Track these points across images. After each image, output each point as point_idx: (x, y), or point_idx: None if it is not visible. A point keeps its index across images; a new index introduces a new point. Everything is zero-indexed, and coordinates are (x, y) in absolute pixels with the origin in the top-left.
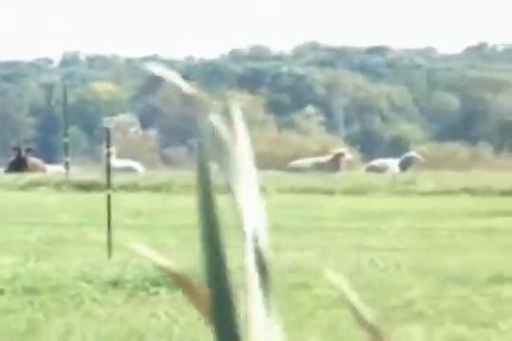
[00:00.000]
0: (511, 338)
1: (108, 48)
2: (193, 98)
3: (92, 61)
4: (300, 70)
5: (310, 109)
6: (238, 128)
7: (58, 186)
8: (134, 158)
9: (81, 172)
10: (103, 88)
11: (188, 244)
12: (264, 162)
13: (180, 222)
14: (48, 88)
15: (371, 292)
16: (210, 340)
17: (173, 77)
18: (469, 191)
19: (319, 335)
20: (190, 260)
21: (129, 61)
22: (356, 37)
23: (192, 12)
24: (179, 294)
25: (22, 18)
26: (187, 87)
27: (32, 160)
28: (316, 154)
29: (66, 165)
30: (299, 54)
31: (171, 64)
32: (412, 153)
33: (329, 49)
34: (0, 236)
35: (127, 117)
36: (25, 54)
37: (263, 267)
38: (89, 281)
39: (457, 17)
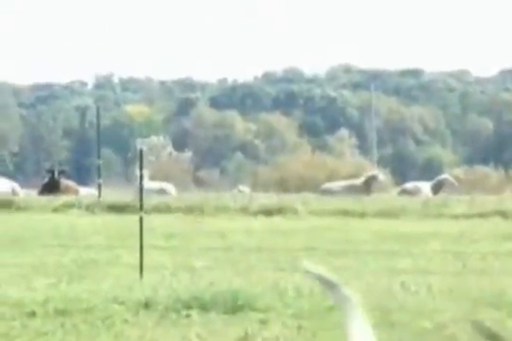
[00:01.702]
0: None
1: (141, 71)
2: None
3: (125, 83)
4: (333, 92)
5: (343, 131)
6: None
7: (90, 208)
8: (166, 180)
9: (113, 194)
10: (136, 110)
11: (219, 266)
12: (297, 184)
13: (212, 244)
14: (82, 110)
15: (402, 314)
16: None
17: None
18: (502, 214)
19: None
20: (221, 281)
21: (162, 83)
22: (390, 59)
23: (225, 35)
24: (211, 316)
25: (57, 40)
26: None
27: (65, 182)
28: (349, 177)
29: (99, 187)
30: (332, 76)
31: (203, 87)
32: (445, 176)
33: (362, 72)
34: (33, 258)
35: (160, 140)
36: (59, 76)
37: None
38: (121, 303)
39: (491, 39)
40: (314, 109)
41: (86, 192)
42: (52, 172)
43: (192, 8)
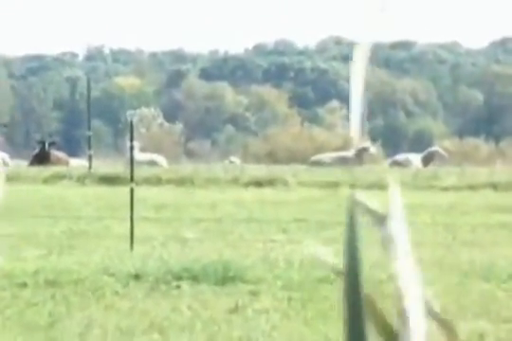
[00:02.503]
0: None
1: (132, 42)
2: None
3: (116, 55)
4: (323, 65)
5: (334, 103)
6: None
7: (81, 179)
8: (157, 152)
9: (104, 166)
10: (127, 82)
11: (209, 237)
12: (287, 156)
13: (203, 215)
14: (73, 82)
15: (392, 285)
16: (233, 334)
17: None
18: (493, 186)
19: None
20: (211, 253)
21: (153, 55)
22: (380, 32)
23: (216, 6)
24: (202, 287)
25: (47, 12)
26: None
27: (56, 153)
28: (339, 149)
29: (90, 158)
30: (323, 49)
31: (195, 58)
32: (436, 148)
33: (353, 44)
34: (23, 229)
35: (150, 111)
36: (49, 48)
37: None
38: (111, 274)
39: (482, 11)
40: (305, 81)
41: (77, 164)
42: (43, 143)
43: None
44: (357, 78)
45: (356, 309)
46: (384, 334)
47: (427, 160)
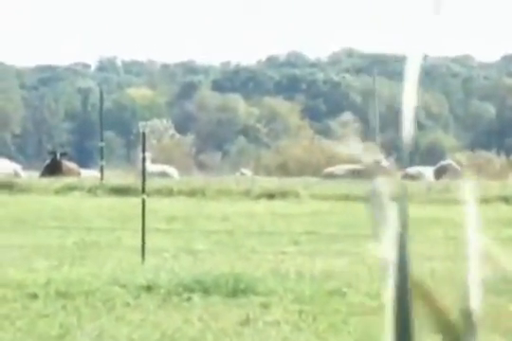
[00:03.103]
0: None
1: (144, 54)
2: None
3: (128, 66)
4: (335, 77)
5: (347, 116)
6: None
7: (92, 190)
8: (169, 163)
9: (115, 177)
10: (139, 93)
11: (220, 249)
12: (298, 168)
13: (214, 227)
14: (84, 93)
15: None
16: None
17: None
18: (505, 200)
19: None
20: (223, 265)
21: (165, 66)
22: (392, 43)
23: (228, 18)
24: (213, 299)
25: (60, 22)
26: None
27: (67, 164)
28: (352, 161)
29: (101, 169)
30: (335, 61)
31: (207, 70)
32: (449, 161)
33: (365, 56)
34: (35, 240)
35: (162, 123)
36: (62, 59)
37: None
38: (122, 286)
39: (495, 25)
40: (316, 93)
41: (88, 175)
42: (54, 154)
43: None
44: (409, 95)
45: (405, 302)
46: (439, 324)
47: (439, 173)
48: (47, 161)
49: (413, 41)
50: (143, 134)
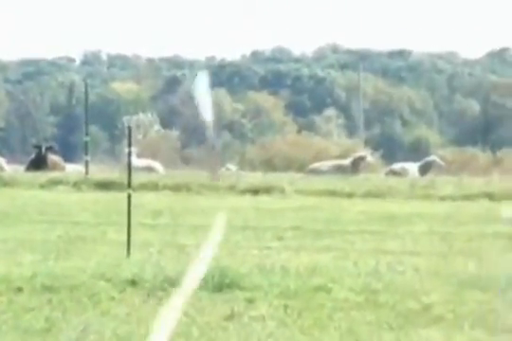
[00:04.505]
0: None
1: (130, 48)
2: None
3: (113, 60)
4: (320, 72)
5: (331, 111)
6: None
7: (77, 185)
8: (154, 158)
9: (100, 171)
10: (124, 88)
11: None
12: (283, 164)
13: (199, 221)
14: (69, 87)
15: (389, 295)
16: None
17: None
18: (489, 196)
19: (337, 337)
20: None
21: (150, 60)
22: (378, 40)
23: (214, 13)
24: (198, 294)
25: (43, 16)
26: None
27: (52, 158)
28: (336, 157)
29: (86, 164)
30: (320, 56)
31: (191, 64)
32: (434, 158)
33: (350, 52)
34: (20, 234)
35: (147, 117)
36: (46, 52)
37: None
38: (108, 280)
39: (480, 21)
40: (301, 89)
41: (72, 169)
42: (39, 148)
43: None
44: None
45: None
46: None
47: (424, 169)
48: (32, 155)
49: (399, 37)
50: (129, 128)
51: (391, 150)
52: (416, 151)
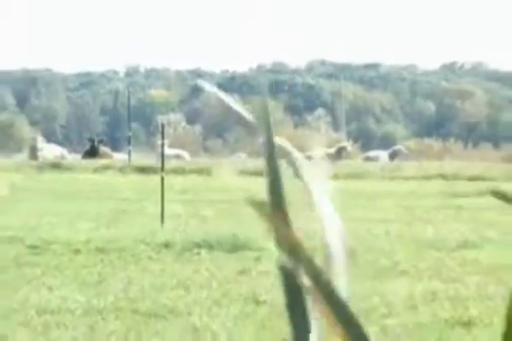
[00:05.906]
0: (474, 291)
1: (161, 62)
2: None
3: (149, 72)
4: (311, 81)
5: (320, 111)
6: None
7: (122, 169)
8: (181, 148)
9: (140, 159)
10: (158, 94)
11: (222, 215)
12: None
13: (218, 198)
14: (115, 94)
15: (368, 255)
16: (241, 290)
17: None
18: (443, 177)
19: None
20: (224, 227)
21: (178, 72)
22: (356, 55)
23: (228, 34)
24: (216, 254)
25: (95, 37)
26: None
27: (103, 149)
28: (324, 147)
29: (129, 153)
30: (310, 68)
31: (210, 76)
32: (399, 147)
33: (334, 65)
34: (78, 208)
35: (176, 116)
36: (97, 66)
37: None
38: (147, 244)
39: (435, 40)
40: (296, 94)
41: (119, 157)
42: (92, 141)
43: (201, 12)
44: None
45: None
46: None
47: (392, 156)
48: (87, 147)
49: (373, 52)
50: (162, 125)
51: (366, 141)
52: (386, 142)
